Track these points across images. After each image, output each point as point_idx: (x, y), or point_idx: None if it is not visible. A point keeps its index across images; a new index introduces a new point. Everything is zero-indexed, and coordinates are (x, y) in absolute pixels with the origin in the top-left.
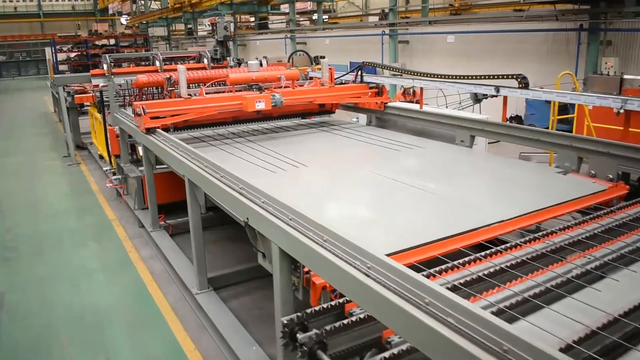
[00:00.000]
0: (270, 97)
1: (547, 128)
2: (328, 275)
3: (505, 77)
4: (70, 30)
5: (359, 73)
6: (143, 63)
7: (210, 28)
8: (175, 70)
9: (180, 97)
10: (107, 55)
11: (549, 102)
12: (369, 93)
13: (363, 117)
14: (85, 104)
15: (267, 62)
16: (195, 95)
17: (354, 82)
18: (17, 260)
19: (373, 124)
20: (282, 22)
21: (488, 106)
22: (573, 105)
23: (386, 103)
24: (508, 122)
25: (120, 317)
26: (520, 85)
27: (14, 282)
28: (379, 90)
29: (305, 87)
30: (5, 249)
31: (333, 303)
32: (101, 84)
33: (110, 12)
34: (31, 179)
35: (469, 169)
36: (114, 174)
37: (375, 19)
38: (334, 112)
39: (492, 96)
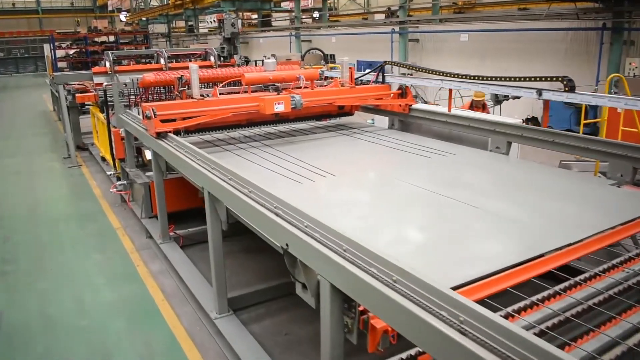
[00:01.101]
0: (290, 98)
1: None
2: (396, 322)
3: (548, 79)
4: (69, 27)
5: (380, 73)
6: (143, 61)
7: (216, 25)
8: (181, 68)
9: (192, 98)
10: (109, 52)
11: (568, 104)
12: (391, 94)
13: (379, 119)
14: (86, 103)
15: (275, 60)
16: (208, 96)
17: (375, 82)
18: (16, 274)
19: (396, 128)
20: (284, 20)
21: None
22: (594, 108)
23: (411, 105)
24: (525, 123)
25: (130, 342)
26: (566, 89)
27: (12, 299)
28: (403, 92)
29: (325, 87)
30: (3, 262)
31: (404, 356)
32: (105, 83)
33: (110, 8)
34: (30, 182)
35: (516, 180)
36: (118, 178)
37: (381, 16)
38: (353, 114)
39: (514, 97)
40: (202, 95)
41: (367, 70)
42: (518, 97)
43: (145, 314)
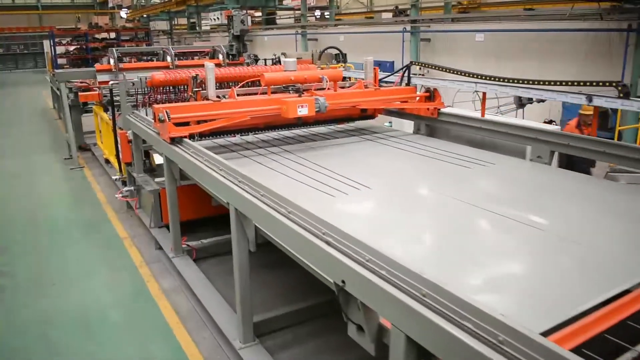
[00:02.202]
0: (314, 101)
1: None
2: None
3: (600, 83)
4: (69, 23)
5: (405, 74)
6: (144, 58)
7: (219, 22)
8: (188, 66)
9: (208, 99)
10: (114, 48)
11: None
12: (417, 97)
13: (398, 122)
14: (89, 102)
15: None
16: (224, 97)
17: (399, 84)
18: (15, 291)
19: (422, 132)
20: (289, 18)
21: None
22: (615, 112)
23: (439, 109)
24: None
25: None
26: (621, 95)
27: (11, 321)
28: (431, 94)
29: (348, 89)
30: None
31: None
32: (111, 81)
33: (110, 5)
34: (30, 185)
35: (569, 195)
36: (124, 183)
37: (388, 15)
38: (376, 118)
39: (539, 101)
40: (218, 97)
41: (377, 70)
42: (543, 101)
43: (159, 339)
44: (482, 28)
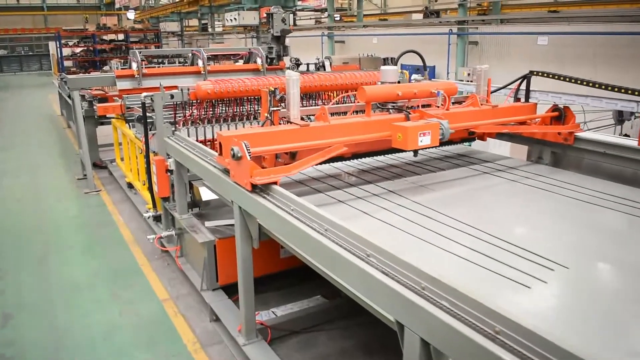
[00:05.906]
0: (439, 126)
1: None
2: None
3: None
4: (74, 25)
5: (522, 87)
6: (155, 61)
7: (235, 23)
8: (221, 71)
9: (291, 122)
10: (137, 50)
11: None
12: (538, 117)
13: (480, 143)
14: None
15: (330, 64)
16: (309, 119)
17: (514, 99)
18: None
19: (545, 162)
20: (310, 19)
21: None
22: None
23: (575, 134)
24: None
25: None
26: None
27: None
28: (561, 114)
29: (462, 107)
30: None
31: None
32: (144, 93)
33: (117, 6)
34: (37, 214)
35: None
36: (156, 219)
37: (419, 16)
38: (484, 141)
39: None
40: (302, 119)
41: (503, 85)
42: None
43: None
44: (547, 30)
